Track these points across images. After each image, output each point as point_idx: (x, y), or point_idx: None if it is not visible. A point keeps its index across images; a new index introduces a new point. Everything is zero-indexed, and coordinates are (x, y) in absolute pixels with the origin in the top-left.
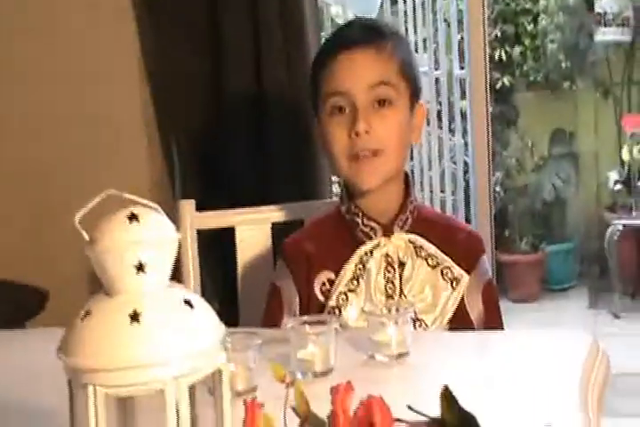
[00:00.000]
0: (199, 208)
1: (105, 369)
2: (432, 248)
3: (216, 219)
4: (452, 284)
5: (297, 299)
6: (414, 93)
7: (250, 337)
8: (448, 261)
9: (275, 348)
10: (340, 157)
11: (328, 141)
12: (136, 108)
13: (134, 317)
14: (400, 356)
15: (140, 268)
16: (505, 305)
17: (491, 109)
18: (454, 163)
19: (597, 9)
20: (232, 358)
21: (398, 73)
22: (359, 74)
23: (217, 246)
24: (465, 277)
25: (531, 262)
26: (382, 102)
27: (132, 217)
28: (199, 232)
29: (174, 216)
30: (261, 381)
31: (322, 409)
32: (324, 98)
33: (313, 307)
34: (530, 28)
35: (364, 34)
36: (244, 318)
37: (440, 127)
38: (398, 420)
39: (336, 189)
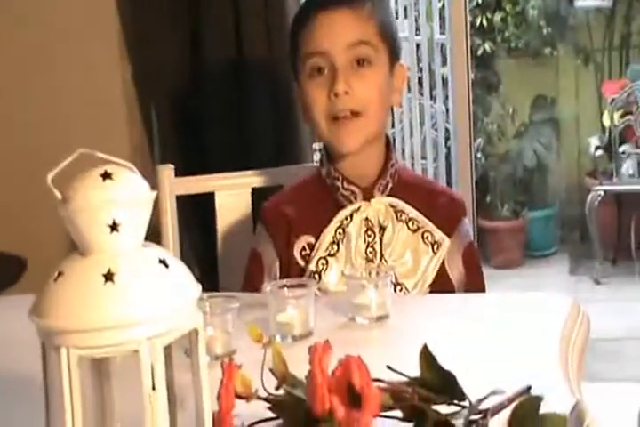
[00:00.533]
0: (179, 174)
1: (78, 330)
2: (413, 212)
3: (195, 184)
4: (432, 248)
5: (277, 264)
6: (393, 54)
7: (228, 301)
8: (429, 225)
9: (254, 312)
10: (320, 118)
11: (307, 103)
12: (116, 75)
13: (108, 276)
14: (380, 318)
15: (114, 227)
16: (486, 271)
17: (472, 76)
18: (435, 130)
19: None
20: (210, 322)
21: (377, 33)
22: (338, 33)
23: (196, 212)
24: (446, 241)
25: (512, 229)
26: (361, 62)
27: (106, 175)
28: (178, 198)
29: (153, 182)
30: (240, 344)
31: (302, 373)
32: (303, 59)
33: (293, 271)
34: None
35: None
36: (224, 284)
37: (421, 94)
38: (377, 380)
39: (317, 156)
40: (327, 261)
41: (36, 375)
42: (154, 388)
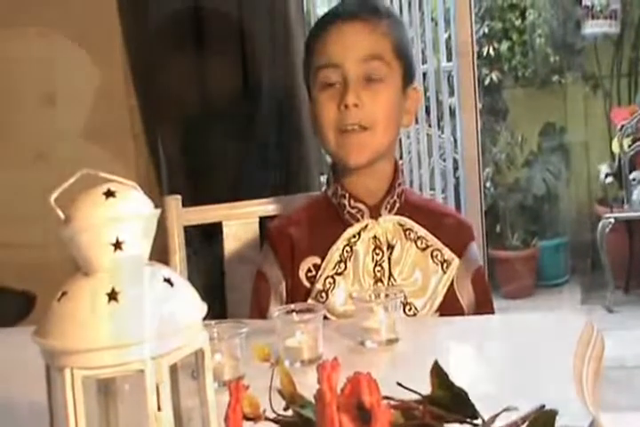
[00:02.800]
0: (186, 204)
1: (82, 350)
2: (421, 230)
3: (203, 214)
4: (442, 266)
5: (283, 284)
6: (407, 75)
7: (236, 326)
8: (438, 244)
9: (262, 337)
10: (329, 130)
11: (318, 116)
12: (122, 104)
13: (112, 295)
14: (390, 342)
15: (118, 245)
16: (497, 302)
17: (479, 105)
18: (444, 160)
19: (585, 2)
20: (218, 348)
21: (392, 51)
22: (351, 46)
23: (204, 242)
24: (455, 260)
25: (522, 258)
26: (374, 78)
27: (109, 193)
28: (186, 228)
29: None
30: (248, 370)
31: (311, 397)
32: (315, 72)
33: (299, 293)
34: (517, 23)
35: (359, 9)
36: (232, 315)
37: (429, 124)
38: (387, 398)
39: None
40: (334, 280)
41: (42, 400)
42: (159, 408)
